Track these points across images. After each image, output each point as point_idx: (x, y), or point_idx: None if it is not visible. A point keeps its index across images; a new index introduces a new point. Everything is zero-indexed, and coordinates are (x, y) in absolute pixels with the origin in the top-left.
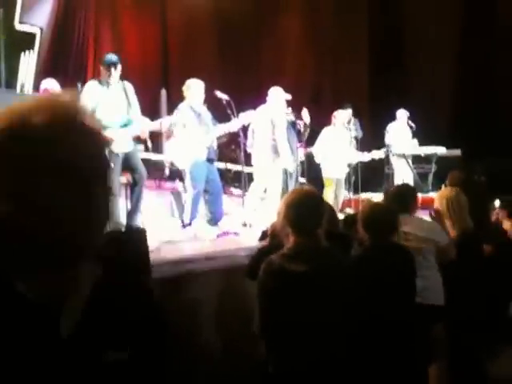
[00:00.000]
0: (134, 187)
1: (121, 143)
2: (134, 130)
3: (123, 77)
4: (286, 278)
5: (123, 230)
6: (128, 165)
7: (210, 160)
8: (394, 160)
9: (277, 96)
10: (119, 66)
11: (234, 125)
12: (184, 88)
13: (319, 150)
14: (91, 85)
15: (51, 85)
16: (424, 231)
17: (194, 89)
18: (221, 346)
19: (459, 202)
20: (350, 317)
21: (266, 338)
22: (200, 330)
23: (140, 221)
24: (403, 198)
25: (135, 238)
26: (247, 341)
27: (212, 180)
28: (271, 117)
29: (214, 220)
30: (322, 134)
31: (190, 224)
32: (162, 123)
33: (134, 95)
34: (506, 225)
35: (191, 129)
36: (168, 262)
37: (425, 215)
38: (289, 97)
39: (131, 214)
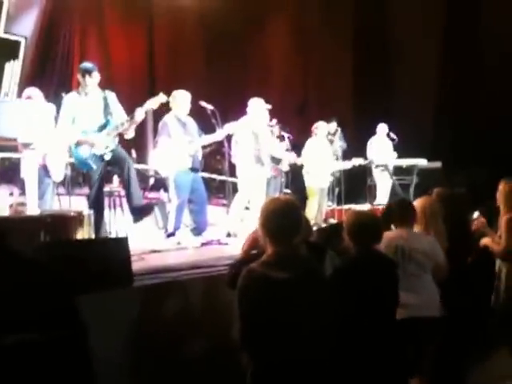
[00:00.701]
0: (126, 180)
1: (102, 144)
2: (112, 127)
3: (110, 86)
4: (268, 285)
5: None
6: (116, 161)
7: (194, 169)
8: (375, 172)
9: (257, 107)
10: (95, 74)
11: (218, 135)
12: (170, 98)
13: (304, 161)
14: (69, 97)
15: (34, 93)
16: (427, 247)
17: (180, 99)
18: (203, 355)
19: (432, 209)
20: (332, 324)
21: (248, 345)
22: (182, 339)
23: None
24: (405, 212)
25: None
26: (230, 350)
27: (197, 189)
28: (253, 127)
29: (198, 230)
30: (306, 146)
31: (173, 234)
32: (137, 114)
33: (117, 103)
34: (485, 241)
35: (176, 138)
36: (151, 271)
37: None
38: (269, 106)
39: (135, 197)
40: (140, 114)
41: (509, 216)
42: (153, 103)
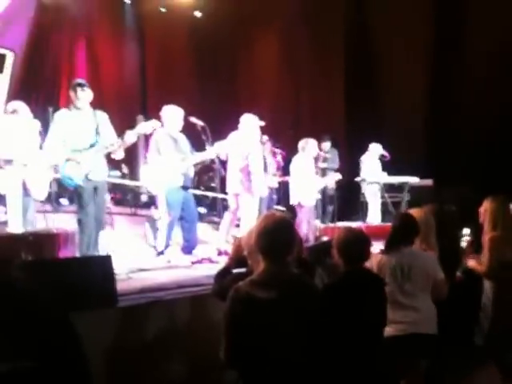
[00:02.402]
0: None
1: (90, 162)
2: (100, 148)
3: (99, 102)
4: (253, 306)
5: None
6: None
7: (185, 187)
8: (367, 190)
9: (249, 123)
10: (87, 89)
11: (209, 153)
12: (162, 114)
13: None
14: (60, 114)
15: (19, 107)
16: (428, 265)
17: (172, 115)
18: (189, 374)
19: (427, 223)
20: (319, 343)
21: (234, 365)
22: (168, 359)
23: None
24: (407, 229)
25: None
26: (216, 370)
27: (188, 207)
28: (244, 144)
29: (188, 248)
30: (293, 162)
31: (163, 252)
32: (129, 135)
33: (109, 124)
34: (470, 263)
35: (167, 155)
36: (138, 291)
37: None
38: (262, 123)
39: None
40: (131, 137)
41: (491, 235)
42: (145, 128)
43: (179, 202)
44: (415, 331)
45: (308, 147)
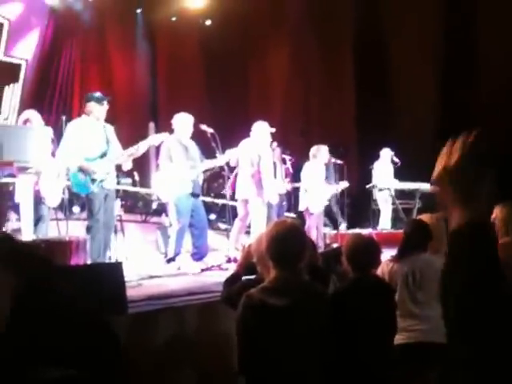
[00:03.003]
0: None
1: (103, 170)
2: (113, 158)
3: (111, 110)
4: (265, 313)
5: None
6: None
7: (195, 195)
8: (379, 197)
9: (261, 130)
10: (105, 104)
11: (219, 160)
12: (173, 122)
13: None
14: (75, 123)
15: (32, 116)
16: (437, 271)
17: (183, 123)
18: (198, 381)
19: (438, 229)
20: (330, 351)
21: (246, 373)
22: (177, 366)
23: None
24: (419, 236)
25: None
26: (225, 377)
27: (197, 214)
28: (255, 151)
29: (199, 255)
30: (304, 168)
31: (173, 259)
32: (140, 147)
33: (115, 137)
34: None
35: (177, 163)
36: (148, 297)
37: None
38: (273, 130)
39: None
40: (142, 148)
41: (503, 240)
42: (155, 140)
43: (189, 209)
44: (425, 339)
45: (319, 154)
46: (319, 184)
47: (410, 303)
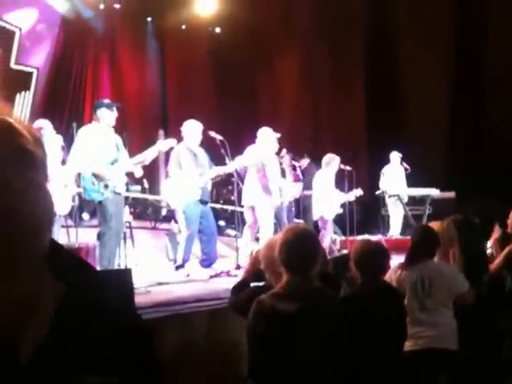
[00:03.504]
0: None
1: (115, 176)
2: (123, 165)
3: (121, 117)
4: (275, 318)
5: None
6: None
7: (203, 201)
8: (389, 203)
9: (266, 136)
10: (115, 110)
11: (228, 167)
12: (182, 129)
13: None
14: (86, 129)
15: (45, 125)
16: (450, 279)
17: (192, 130)
18: None
19: (449, 235)
20: (340, 357)
21: (256, 378)
22: (186, 373)
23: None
24: (427, 242)
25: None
26: (234, 383)
27: (206, 221)
28: (262, 156)
29: (208, 261)
30: (317, 176)
31: (182, 266)
32: (148, 155)
33: (123, 146)
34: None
35: (187, 170)
36: (156, 304)
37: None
38: (278, 135)
39: None
40: (150, 155)
41: None
42: (163, 146)
43: (197, 215)
44: (434, 346)
45: (332, 163)
46: (331, 191)
47: (419, 310)
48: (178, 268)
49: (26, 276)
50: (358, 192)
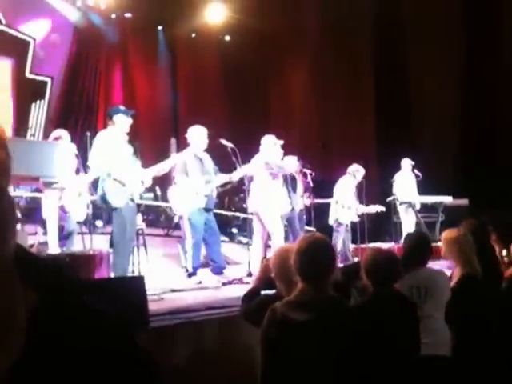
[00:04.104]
0: None
1: (133, 184)
2: (138, 174)
3: (133, 125)
4: (287, 327)
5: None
6: None
7: (208, 209)
8: (401, 209)
9: (268, 143)
10: (130, 117)
11: (233, 175)
12: (188, 135)
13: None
14: (104, 134)
15: (63, 135)
16: (444, 285)
17: (197, 135)
18: None
19: (466, 242)
20: (353, 367)
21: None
22: (197, 380)
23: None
24: (422, 250)
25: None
26: None
27: (210, 228)
28: (266, 164)
29: (217, 268)
30: (339, 182)
31: (194, 273)
32: (161, 168)
33: (135, 155)
34: None
35: (193, 177)
36: (169, 311)
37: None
38: (281, 142)
39: None
40: (164, 168)
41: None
42: (177, 159)
43: (202, 223)
44: (430, 353)
45: (358, 174)
46: (351, 198)
47: None
48: (190, 275)
49: None
50: (380, 208)
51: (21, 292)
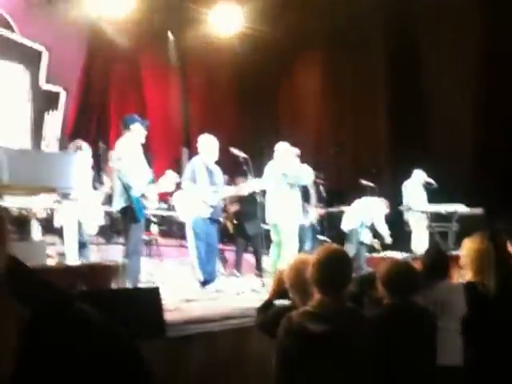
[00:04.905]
0: None
1: (153, 197)
2: (153, 187)
3: (146, 136)
4: (304, 338)
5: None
6: None
7: (212, 220)
8: (411, 219)
9: (282, 151)
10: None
11: (243, 189)
12: (198, 144)
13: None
14: (130, 143)
15: (83, 146)
16: (460, 297)
17: (206, 144)
18: None
19: (485, 251)
20: (368, 379)
21: None
22: None
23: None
24: (439, 263)
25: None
26: None
27: (211, 239)
28: (281, 172)
29: (207, 281)
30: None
31: (207, 281)
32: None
33: None
34: None
35: (201, 186)
36: (184, 321)
37: None
38: (297, 151)
39: None
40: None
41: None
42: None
43: (205, 233)
44: (439, 363)
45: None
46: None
47: None
48: (203, 284)
49: None
50: (388, 239)
51: (13, 306)
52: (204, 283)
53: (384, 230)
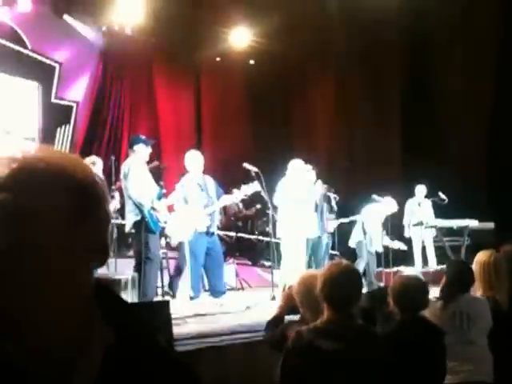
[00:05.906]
0: None
1: (163, 211)
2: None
3: (157, 149)
4: (313, 356)
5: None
6: None
7: (209, 233)
8: (412, 235)
9: (295, 168)
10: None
11: (235, 197)
12: (185, 162)
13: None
14: (136, 162)
15: (97, 161)
16: (486, 311)
17: (193, 160)
18: None
19: (497, 266)
20: None
21: None
22: None
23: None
24: (464, 276)
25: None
26: None
27: (213, 251)
28: (292, 188)
29: (217, 293)
30: (370, 208)
31: (196, 296)
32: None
33: None
34: None
35: (192, 204)
36: (193, 336)
37: None
38: (309, 168)
39: None
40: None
41: None
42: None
43: (203, 247)
44: (473, 380)
45: (390, 206)
46: (378, 225)
47: (457, 344)
48: (192, 299)
49: (77, 314)
50: (402, 246)
51: (100, 325)
52: (192, 297)
53: (377, 236)
